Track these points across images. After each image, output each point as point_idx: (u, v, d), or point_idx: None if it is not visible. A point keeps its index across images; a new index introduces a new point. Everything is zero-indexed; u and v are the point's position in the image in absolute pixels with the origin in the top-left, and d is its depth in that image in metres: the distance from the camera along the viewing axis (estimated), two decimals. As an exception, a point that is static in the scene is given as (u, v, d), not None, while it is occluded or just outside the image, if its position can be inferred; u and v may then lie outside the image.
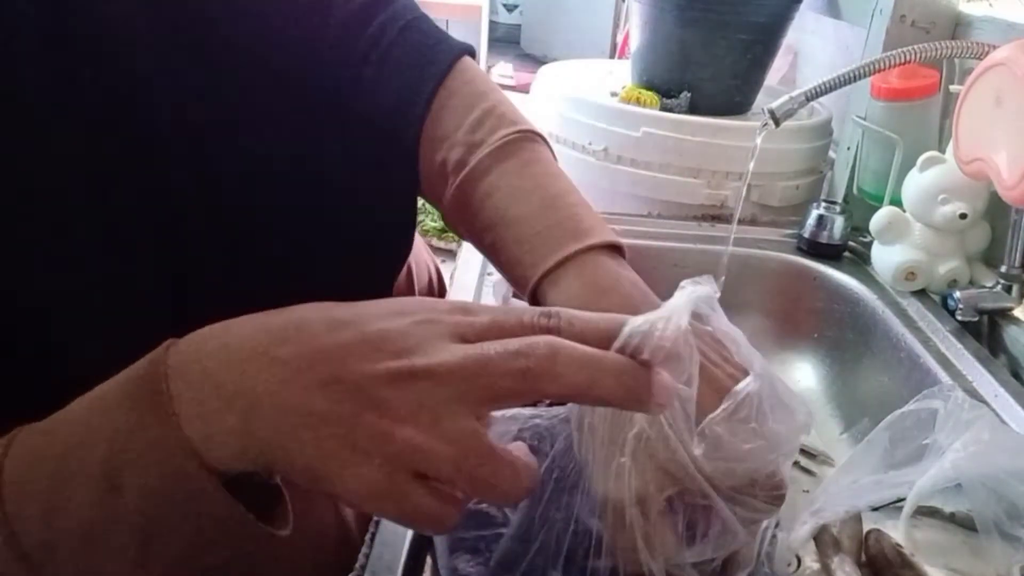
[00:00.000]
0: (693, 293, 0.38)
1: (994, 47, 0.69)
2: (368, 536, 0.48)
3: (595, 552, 0.41)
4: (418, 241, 0.88)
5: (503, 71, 3.44)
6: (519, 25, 4.14)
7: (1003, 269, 0.78)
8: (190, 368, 0.29)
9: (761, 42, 1.07)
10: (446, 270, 0.90)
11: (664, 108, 1.09)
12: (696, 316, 0.38)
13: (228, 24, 0.45)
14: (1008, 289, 0.79)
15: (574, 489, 0.41)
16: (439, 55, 0.54)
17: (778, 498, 0.41)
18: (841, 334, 0.90)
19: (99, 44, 0.40)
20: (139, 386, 0.29)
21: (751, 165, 0.83)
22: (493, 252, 0.52)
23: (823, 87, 0.78)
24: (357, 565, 0.46)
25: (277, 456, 0.28)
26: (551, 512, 0.42)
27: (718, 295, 0.39)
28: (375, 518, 0.50)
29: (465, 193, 0.51)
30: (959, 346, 0.76)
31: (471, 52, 0.56)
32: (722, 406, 0.41)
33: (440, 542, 0.48)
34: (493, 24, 3.87)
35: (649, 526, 0.39)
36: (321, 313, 0.31)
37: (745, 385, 0.43)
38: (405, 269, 0.82)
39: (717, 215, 1.03)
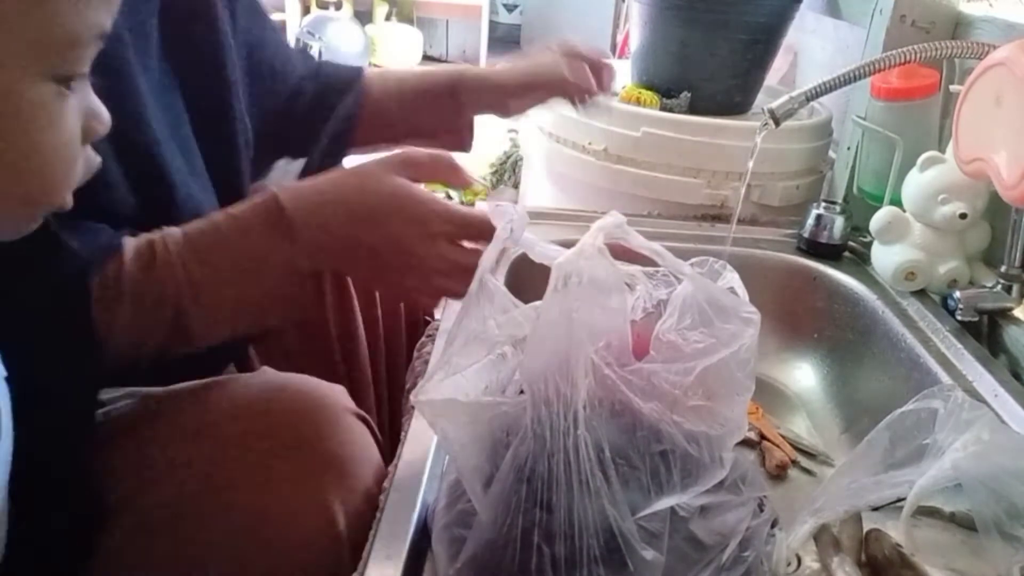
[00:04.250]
0: (603, 223, 0.45)
1: (994, 47, 0.69)
2: (370, 535, 0.48)
3: (556, 537, 0.42)
4: None
5: (503, 71, 3.43)
6: (519, 25, 4.13)
7: (1003, 269, 0.79)
8: (304, 218, 0.54)
9: (761, 42, 1.07)
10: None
11: (664, 108, 1.10)
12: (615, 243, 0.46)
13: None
14: (1008, 289, 0.79)
15: (533, 475, 0.43)
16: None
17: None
18: (841, 334, 0.90)
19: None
20: (268, 217, 0.54)
21: (750, 164, 0.83)
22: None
23: (823, 87, 0.78)
24: (358, 565, 0.46)
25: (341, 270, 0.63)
26: (512, 501, 0.44)
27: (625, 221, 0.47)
28: (374, 530, 0.50)
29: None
30: (959, 346, 0.76)
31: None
32: (666, 314, 0.47)
33: (438, 543, 0.48)
34: (493, 24, 3.87)
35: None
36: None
37: (681, 289, 0.47)
38: None
39: (717, 215, 1.03)
